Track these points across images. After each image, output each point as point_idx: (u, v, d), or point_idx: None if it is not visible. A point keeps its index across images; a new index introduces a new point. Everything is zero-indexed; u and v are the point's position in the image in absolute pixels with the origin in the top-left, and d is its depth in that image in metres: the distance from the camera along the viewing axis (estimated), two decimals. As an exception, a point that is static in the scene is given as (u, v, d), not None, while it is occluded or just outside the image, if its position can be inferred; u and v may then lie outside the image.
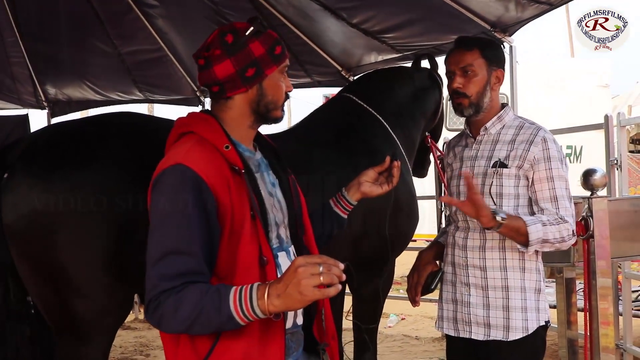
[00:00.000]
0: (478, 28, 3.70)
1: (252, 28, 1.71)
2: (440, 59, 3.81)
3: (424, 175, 3.95)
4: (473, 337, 2.33)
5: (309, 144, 3.12)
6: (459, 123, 7.78)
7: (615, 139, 4.23)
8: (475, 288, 2.32)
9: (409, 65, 3.84)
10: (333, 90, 5.53)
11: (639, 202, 3.53)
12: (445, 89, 2.72)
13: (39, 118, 6.39)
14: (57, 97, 6.11)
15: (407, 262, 2.60)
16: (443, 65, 2.47)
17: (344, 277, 1.45)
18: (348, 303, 3.41)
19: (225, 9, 4.41)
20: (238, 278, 1.59)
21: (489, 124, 2.38)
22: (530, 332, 2.28)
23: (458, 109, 2.38)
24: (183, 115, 1.81)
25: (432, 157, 3.82)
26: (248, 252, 1.62)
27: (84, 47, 5.28)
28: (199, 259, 1.56)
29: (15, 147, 2.50)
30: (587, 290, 3.01)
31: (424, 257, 2.54)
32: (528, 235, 2.15)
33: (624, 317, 4.23)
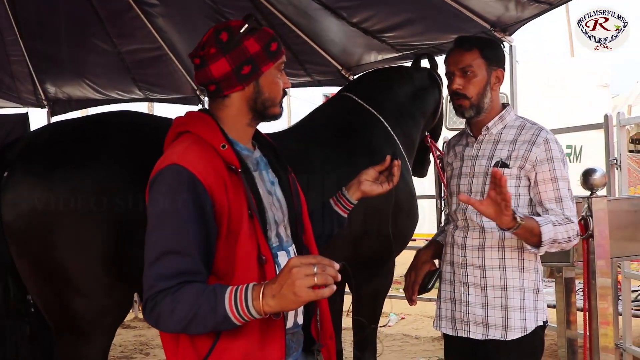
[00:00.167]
0: (478, 27, 3.70)
1: (246, 25, 1.71)
2: (440, 59, 3.81)
3: (424, 175, 3.95)
4: (471, 336, 2.32)
5: (309, 143, 3.12)
6: (459, 122, 7.77)
7: (615, 139, 4.23)
8: (474, 287, 2.32)
9: (409, 65, 3.85)
10: (333, 90, 5.53)
11: (639, 202, 3.54)
12: (445, 89, 2.71)
13: (39, 117, 6.40)
14: (57, 95, 6.11)
15: (407, 261, 2.60)
16: (443, 65, 2.47)
17: (339, 277, 1.43)
18: (348, 302, 3.41)
19: (225, 8, 4.40)
20: (237, 277, 1.59)
21: (491, 124, 2.37)
22: (529, 331, 2.28)
23: (459, 111, 2.37)
24: (181, 115, 1.81)
25: (431, 156, 3.82)
26: (246, 251, 1.62)
27: (84, 45, 5.27)
28: (196, 259, 1.56)
29: (15, 145, 2.50)
30: (586, 290, 3.02)
31: (422, 256, 2.53)
32: (541, 236, 2.14)
33: (624, 316, 4.24)
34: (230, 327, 1.51)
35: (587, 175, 3.24)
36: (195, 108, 1.86)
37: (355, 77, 4.50)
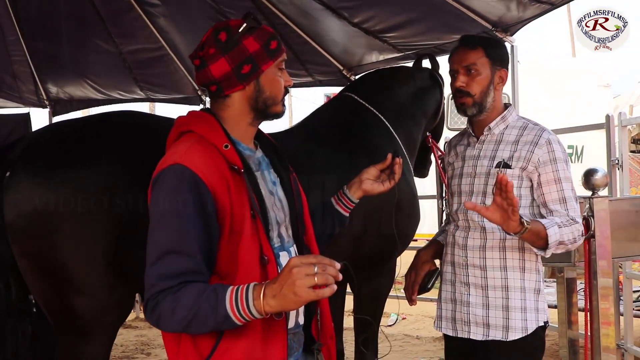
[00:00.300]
0: (479, 28, 3.70)
1: (245, 24, 1.70)
2: (442, 59, 3.83)
3: (425, 175, 3.95)
4: (472, 337, 2.32)
5: (311, 143, 3.12)
6: (460, 122, 7.78)
7: (617, 139, 4.23)
8: (475, 288, 2.32)
9: (410, 65, 3.85)
10: (334, 90, 5.53)
11: (640, 202, 3.53)
12: (447, 88, 2.71)
13: (41, 117, 6.40)
14: (58, 95, 6.12)
15: (409, 261, 2.60)
16: (445, 65, 2.46)
17: (340, 277, 1.43)
18: (350, 303, 3.41)
19: (227, 8, 4.41)
20: (239, 277, 1.59)
21: (493, 124, 2.37)
22: (530, 332, 2.28)
23: (461, 109, 2.36)
24: (183, 114, 1.81)
25: (433, 157, 3.82)
26: (249, 251, 1.62)
27: (86, 45, 5.28)
28: (197, 259, 1.56)
29: (17, 145, 2.51)
30: (588, 290, 3.02)
31: (422, 255, 2.53)
32: (547, 239, 2.14)
33: (625, 317, 4.24)
34: (231, 326, 1.50)
35: (588, 176, 3.24)
36: (197, 108, 1.85)
37: (357, 77, 4.50)
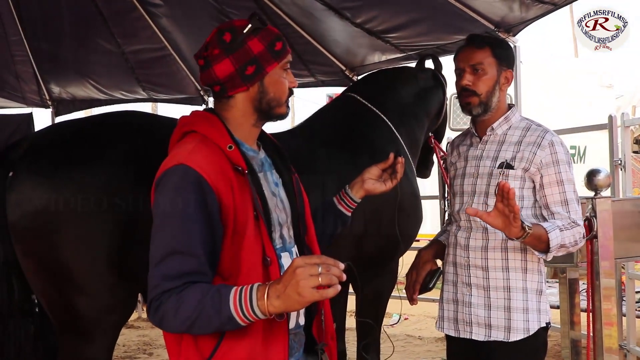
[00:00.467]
0: (482, 28, 3.70)
1: (249, 25, 1.70)
2: (445, 59, 3.83)
3: (427, 176, 3.95)
4: (474, 337, 2.32)
5: (313, 144, 3.12)
6: (463, 123, 7.77)
7: (619, 140, 4.23)
8: (477, 288, 2.32)
9: (413, 66, 3.85)
10: (337, 90, 5.53)
11: (643, 202, 3.53)
12: (451, 88, 2.71)
13: (43, 117, 6.42)
14: (61, 95, 6.12)
15: (410, 262, 2.60)
16: (448, 66, 2.46)
17: (344, 277, 1.43)
18: (352, 303, 3.41)
19: (229, 8, 4.41)
20: (242, 278, 1.59)
21: (496, 125, 2.36)
22: (532, 333, 2.27)
23: (466, 108, 2.36)
24: (186, 114, 1.81)
25: (435, 157, 3.82)
26: (251, 252, 1.62)
27: (88, 45, 5.28)
28: (201, 260, 1.55)
29: (20, 145, 2.51)
30: (590, 291, 3.01)
31: (423, 255, 2.53)
32: (549, 242, 2.14)
33: (627, 317, 4.24)
34: (235, 327, 1.50)
35: (591, 176, 3.23)
36: (199, 108, 1.85)
37: (360, 77, 4.50)
